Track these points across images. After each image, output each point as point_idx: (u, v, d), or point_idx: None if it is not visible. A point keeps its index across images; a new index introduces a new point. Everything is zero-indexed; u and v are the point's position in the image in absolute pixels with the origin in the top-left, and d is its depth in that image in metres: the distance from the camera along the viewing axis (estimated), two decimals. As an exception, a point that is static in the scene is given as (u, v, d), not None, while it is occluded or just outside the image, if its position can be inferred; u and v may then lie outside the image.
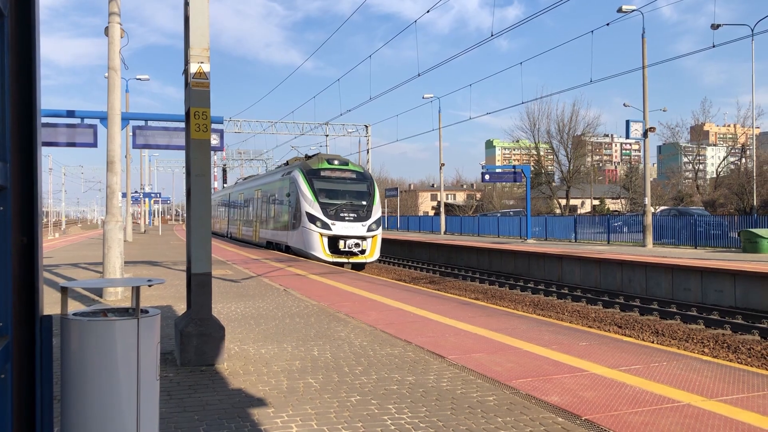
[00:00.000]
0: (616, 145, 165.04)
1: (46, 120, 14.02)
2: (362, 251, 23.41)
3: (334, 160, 25.73)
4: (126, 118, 14.68)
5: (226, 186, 59.88)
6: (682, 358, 6.95)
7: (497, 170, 38.90)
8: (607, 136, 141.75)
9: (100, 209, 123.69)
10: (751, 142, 51.81)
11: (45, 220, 72.93)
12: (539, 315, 14.51)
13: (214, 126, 14.75)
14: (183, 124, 11.36)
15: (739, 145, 66.78)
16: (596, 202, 79.14)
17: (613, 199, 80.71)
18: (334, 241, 23.22)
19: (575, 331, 8.64)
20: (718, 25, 30.61)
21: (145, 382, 3.51)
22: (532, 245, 29.26)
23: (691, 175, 74.46)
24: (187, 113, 6.95)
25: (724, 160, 69.39)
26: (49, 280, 13.95)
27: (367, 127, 49.88)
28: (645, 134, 28.06)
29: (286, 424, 4.70)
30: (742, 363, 10.82)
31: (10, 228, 2.33)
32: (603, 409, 5.06)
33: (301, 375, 6.17)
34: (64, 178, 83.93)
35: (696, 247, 26.42)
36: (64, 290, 3.55)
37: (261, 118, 50.48)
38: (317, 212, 23.33)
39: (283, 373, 6.26)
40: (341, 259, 23.10)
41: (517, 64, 31.63)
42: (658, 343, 11.36)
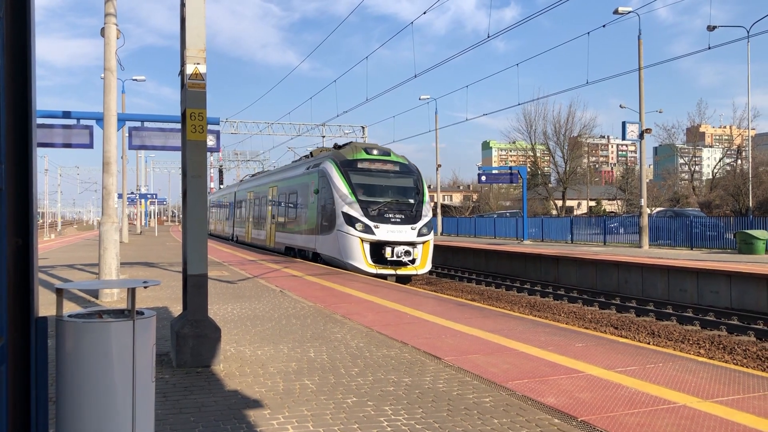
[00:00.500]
0: (613, 147, 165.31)
1: (41, 121, 13.97)
2: (412, 260, 19.31)
3: (373, 149, 21.65)
4: (122, 119, 14.65)
5: (228, 184, 55.21)
6: (678, 359, 6.96)
7: (494, 171, 38.97)
8: (604, 137, 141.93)
9: (96, 210, 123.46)
10: (746, 144, 51.94)
11: (40, 221, 72.73)
12: (535, 316, 14.53)
13: (211, 127, 14.73)
14: (179, 125, 11.34)
15: (734, 147, 66.98)
16: (592, 204, 79.23)
17: (610, 200, 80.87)
18: (378, 248, 19.17)
19: (571, 332, 8.65)
20: (714, 27, 30.70)
21: (141, 383, 3.50)
22: (528, 246, 29.30)
23: (687, 177, 74.63)
24: (183, 114, 6.94)
25: (720, 161, 69.60)
26: (45, 282, 13.91)
27: (363, 128, 49.87)
28: (641, 135, 28.12)
29: (282, 426, 4.70)
30: (737, 364, 10.84)
31: (4, 229, 2.32)
32: (599, 410, 5.06)
33: (298, 376, 6.16)
34: (60, 179, 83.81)
35: (692, 249, 26.47)
36: (60, 292, 3.54)
37: (257, 119, 50.55)
38: (356, 212, 19.26)
39: (279, 374, 6.25)
40: (386, 270, 18.96)
41: (514, 66, 31.83)
42: (654, 344, 11.39)
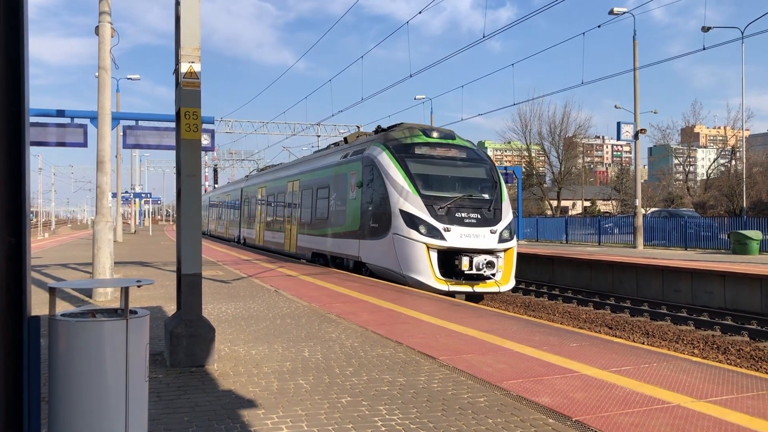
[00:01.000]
0: (607, 147, 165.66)
1: (35, 119, 13.93)
2: (493, 274, 14.82)
3: (432, 131, 17.22)
4: (116, 118, 14.61)
5: (231, 180, 48.88)
6: (673, 359, 6.98)
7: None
8: (598, 137, 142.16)
9: (90, 209, 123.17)
10: (740, 144, 52.14)
11: (34, 220, 72.51)
12: (530, 316, 14.56)
13: (205, 126, 14.71)
14: (173, 124, 11.32)
15: (729, 147, 67.30)
16: (587, 204, 79.49)
17: (604, 200, 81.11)
18: (449, 257, 14.81)
19: (566, 332, 8.66)
20: (709, 28, 30.80)
21: (134, 383, 3.49)
22: (523, 246, 29.35)
23: (681, 177, 74.94)
24: (178, 113, 6.92)
25: (715, 161, 69.91)
26: (38, 281, 13.86)
27: (358, 127, 49.80)
28: (636, 136, 28.21)
29: (277, 426, 4.69)
30: (731, 364, 10.88)
31: (-3, 228, 2.31)
32: (593, 410, 5.07)
33: (292, 376, 6.15)
34: (53, 178, 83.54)
35: (686, 249, 26.57)
36: (53, 291, 3.53)
37: (252, 119, 50.57)
38: (420, 211, 14.89)
39: (273, 374, 6.24)
40: (461, 287, 14.62)
41: (509, 66, 31.85)
42: (648, 344, 11.41)
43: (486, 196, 15.98)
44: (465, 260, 14.44)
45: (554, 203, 67.60)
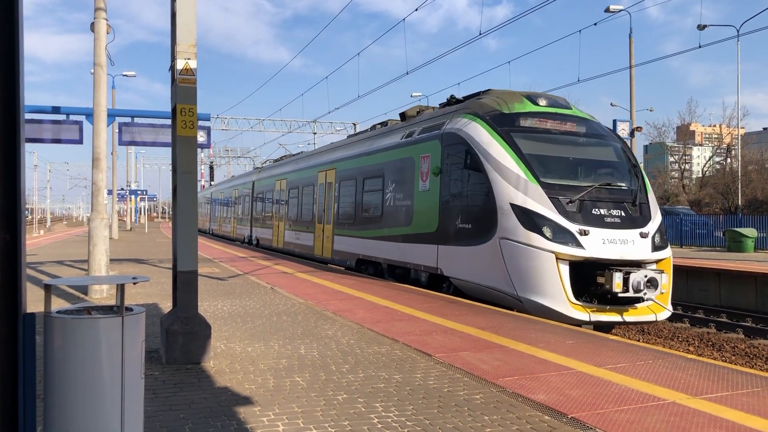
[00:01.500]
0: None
1: (30, 116, 13.88)
2: (654, 296, 10.60)
3: (539, 98, 12.68)
4: (112, 115, 14.57)
5: (228, 176, 41.87)
6: (668, 357, 7.00)
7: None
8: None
9: (86, 206, 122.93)
10: (736, 143, 52.29)
11: (29, 217, 72.34)
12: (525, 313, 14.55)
13: (201, 123, 14.68)
14: (169, 121, 11.29)
15: (724, 145, 67.44)
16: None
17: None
18: (588, 271, 10.68)
19: (561, 329, 8.68)
20: (705, 26, 30.86)
21: (130, 380, 3.48)
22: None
23: (677, 175, 75.05)
24: (174, 110, 6.91)
25: (710, 159, 70.05)
26: (33, 278, 13.83)
27: (355, 125, 49.83)
28: (632, 134, 28.27)
29: (273, 423, 4.69)
30: (726, 361, 10.92)
31: (-8, 225, 2.30)
32: (589, 407, 5.08)
33: (288, 373, 6.15)
34: (49, 175, 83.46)
35: (681, 246, 26.66)
36: (48, 288, 3.52)
37: (248, 116, 50.31)
38: (543, 206, 10.83)
39: (269, 371, 6.24)
40: (609, 316, 10.50)
41: (506, 63, 31.85)
42: (644, 342, 11.44)
43: (626, 186, 11.76)
44: (617, 277, 10.12)
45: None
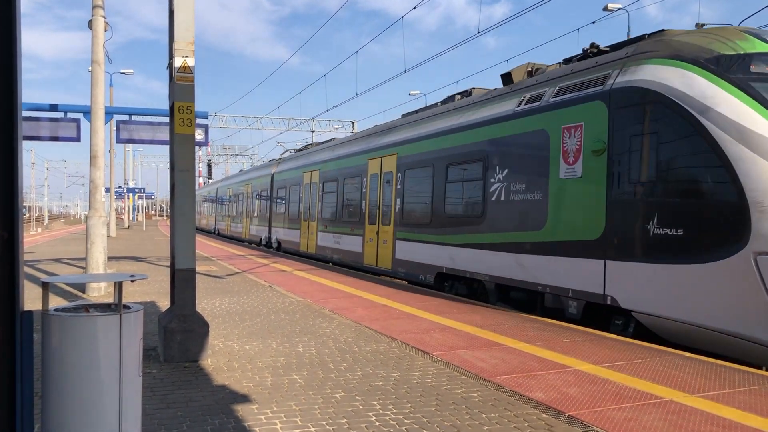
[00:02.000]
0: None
1: (28, 114, 13.86)
2: None
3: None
4: (110, 113, 14.55)
5: (253, 166, 37.11)
6: (665, 355, 7.01)
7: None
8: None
9: (84, 204, 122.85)
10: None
11: (27, 215, 72.26)
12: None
13: (199, 121, 14.65)
14: (167, 119, 11.27)
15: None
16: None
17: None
18: None
19: (559, 327, 8.69)
20: (702, 25, 30.86)
21: (128, 378, 3.48)
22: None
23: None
24: (172, 108, 6.90)
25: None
26: (31, 276, 13.81)
27: (353, 123, 49.81)
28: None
29: (270, 421, 4.69)
30: (723, 359, 10.92)
31: (-11, 222, 2.30)
32: (586, 405, 5.09)
33: (286, 371, 6.16)
34: (46, 173, 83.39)
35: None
36: (46, 285, 3.52)
37: (246, 114, 50.31)
38: None
39: (267, 369, 6.24)
40: None
41: (504, 62, 31.89)
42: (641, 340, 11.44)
43: None
44: None
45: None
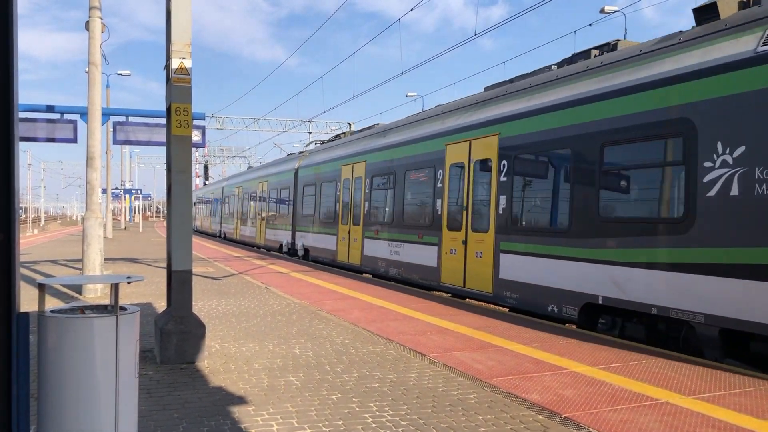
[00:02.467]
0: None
1: (24, 115, 13.84)
2: None
3: None
4: (107, 114, 14.54)
5: (269, 161, 31.97)
6: (661, 356, 7.02)
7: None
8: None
9: (80, 205, 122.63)
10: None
11: (23, 216, 72.09)
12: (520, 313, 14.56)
13: (196, 122, 14.66)
14: (164, 120, 11.27)
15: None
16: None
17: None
18: None
19: (556, 328, 8.70)
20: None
21: (124, 379, 3.48)
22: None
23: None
24: (168, 109, 6.90)
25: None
26: (27, 277, 13.78)
27: (350, 125, 49.79)
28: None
29: (267, 422, 4.69)
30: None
31: (-15, 224, 2.30)
32: (582, 406, 5.10)
33: (282, 373, 6.15)
34: (43, 174, 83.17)
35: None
36: (42, 287, 3.51)
37: (243, 115, 50.34)
38: None
39: (264, 371, 6.23)
40: None
41: (501, 64, 31.91)
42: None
43: None
44: None
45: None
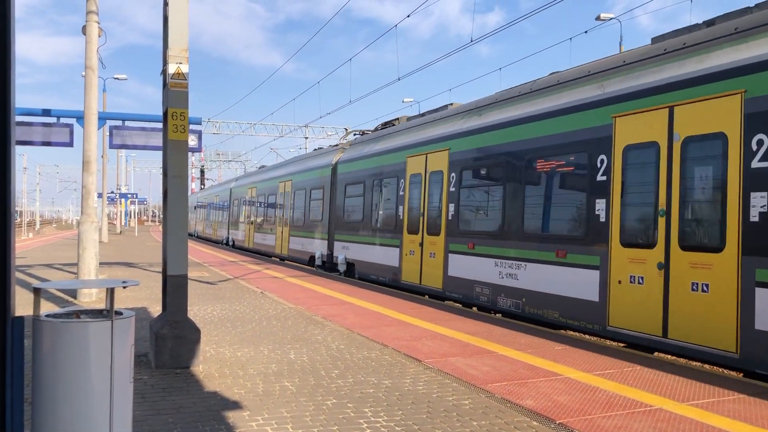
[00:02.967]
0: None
1: (21, 118, 13.82)
2: None
3: None
4: (103, 118, 14.52)
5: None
6: (655, 363, 7.04)
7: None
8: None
9: (76, 209, 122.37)
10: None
11: (18, 219, 71.87)
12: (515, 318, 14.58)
13: (192, 127, 14.65)
14: (160, 125, 11.26)
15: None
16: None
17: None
18: None
19: (551, 334, 8.71)
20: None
21: (119, 384, 3.48)
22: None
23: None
24: (165, 114, 6.91)
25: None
26: (22, 281, 13.74)
27: (346, 130, 49.78)
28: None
29: (262, 428, 4.68)
30: (713, 367, 10.97)
31: (-19, 227, 2.30)
32: (577, 413, 5.11)
33: (277, 378, 6.15)
34: (38, 178, 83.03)
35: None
36: (37, 291, 3.51)
37: (240, 120, 50.38)
38: None
39: (259, 376, 6.23)
40: None
41: (497, 70, 32.01)
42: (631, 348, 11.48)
43: None
44: None
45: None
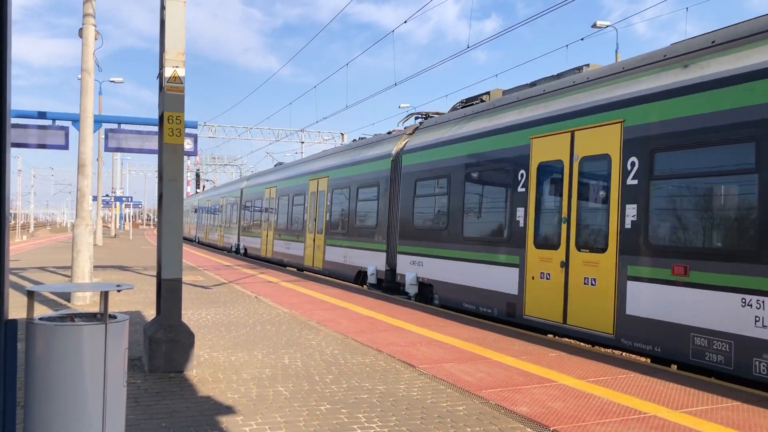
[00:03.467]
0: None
1: (16, 121, 13.79)
2: None
3: None
4: (98, 121, 14.51)
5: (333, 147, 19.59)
6: (650, 370, 7.05)
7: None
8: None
9: (70, 212, 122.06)
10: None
11: (13, 222, 71.61)
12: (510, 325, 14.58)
13: (188, 130, 14.64)
14: (156, 128, 11.28)
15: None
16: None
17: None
18: None
19: (545, 341, 8.72)
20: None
21: (112, 388, 3.47)
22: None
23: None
24: (161, 117, 6.91)
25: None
26: (16, 284, 13.69)
27: (343, 135, 49.91)
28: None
29: (255, 433, 4.67)
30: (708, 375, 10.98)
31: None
32: (571, 419, 5.11)
33: (271, 383, 6.14)
34: (33, 180, 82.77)
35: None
36: (31, 294, 3.50)
37: (236, 124, 50.34)
38: None
39: (252, 380, 6.21)
40: None
41: (493, 76, 32.17)
42: (626, 354, 11.49)
43: None
44: None
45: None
